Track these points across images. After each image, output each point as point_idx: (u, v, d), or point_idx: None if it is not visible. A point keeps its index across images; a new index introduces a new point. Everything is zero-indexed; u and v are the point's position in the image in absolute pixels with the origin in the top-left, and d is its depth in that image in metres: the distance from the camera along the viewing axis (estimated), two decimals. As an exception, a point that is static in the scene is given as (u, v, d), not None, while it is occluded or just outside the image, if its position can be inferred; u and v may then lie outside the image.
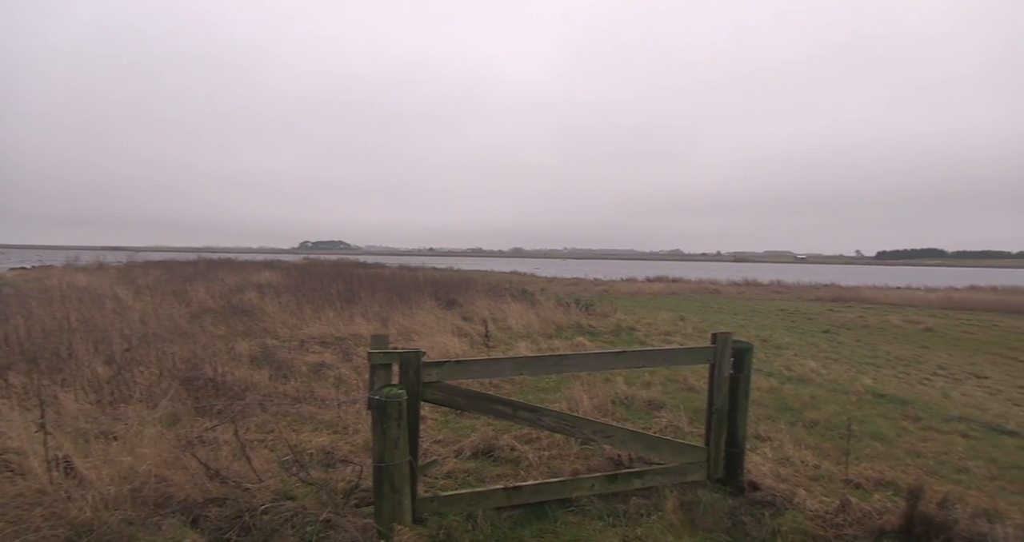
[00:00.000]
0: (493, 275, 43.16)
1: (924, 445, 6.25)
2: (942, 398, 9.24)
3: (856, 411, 7.53)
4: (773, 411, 7.28)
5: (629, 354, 4.55)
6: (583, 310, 17.22)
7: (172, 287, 17.51)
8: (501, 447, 5.23)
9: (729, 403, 4.61)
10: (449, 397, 3.95)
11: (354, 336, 11.31)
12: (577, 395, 6.75)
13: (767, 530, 3.88)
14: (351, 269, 31.06)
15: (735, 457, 4.62)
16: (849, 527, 3.90)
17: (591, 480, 4.26)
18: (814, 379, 9.71)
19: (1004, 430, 7.18)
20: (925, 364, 13.00)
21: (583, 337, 12.83)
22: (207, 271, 26.51)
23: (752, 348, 4.70)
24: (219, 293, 16.78)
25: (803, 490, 4.45)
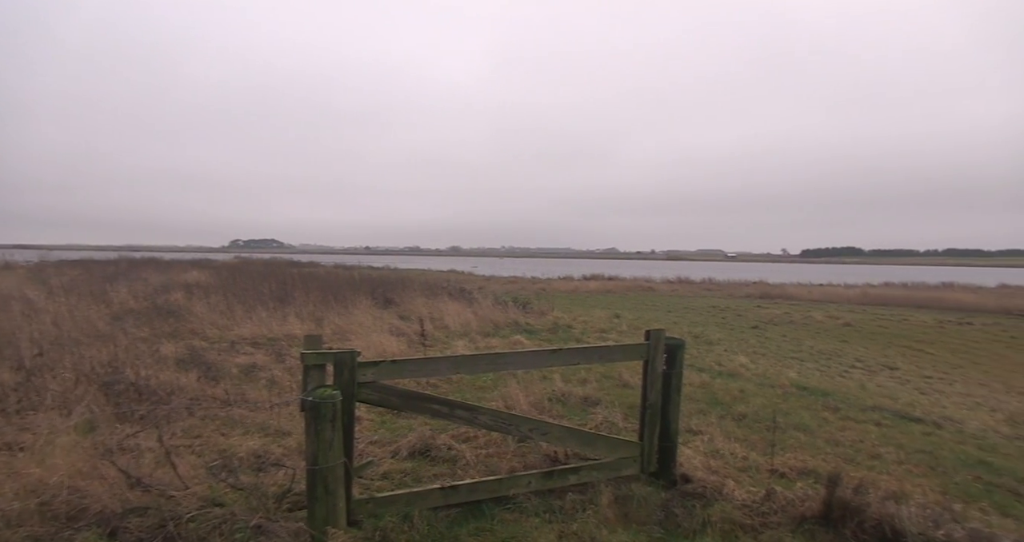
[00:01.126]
0: (431, 274, 42.92)
1: (842, 434, 6.57)
2: (859, 389, 9.74)
3: (782, 404, 7.84)
4: (705, 405, 7.50)
5: (565, 352, 4.59)
6: (521, 308, 17.32)
7: (90, 287, 16.64)
8: (438, 446, 5.21)
9: (662, 398, 4.72)
10: (385, 397, 3.90)
11: (287, 337, 11.03)
12: (514, 393, 6.78)
13: (698, 521, 4.00)
14: (284, 268, 30.28)
15: (668, 451, 4.73)
16: (774, 515, 4.07)
17: (528, 477, 4.29)
18: (743, 373, 10.06)
19: (911, 417, 7.63)
20: (844, 357, 13.66)
21: (521, 335, 12.89)
22: (129, 270, 25.35)
23: (684, 344, 4.82)
24: (142, 293, 16.08)
25: (732, 481, 4.60)
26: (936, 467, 5.63)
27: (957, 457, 6.03)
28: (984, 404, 9.60)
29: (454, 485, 4.05)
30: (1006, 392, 10.97)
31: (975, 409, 9.10)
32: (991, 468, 5.74)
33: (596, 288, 35.40)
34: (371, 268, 43.64)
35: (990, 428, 7.65)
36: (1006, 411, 9.07)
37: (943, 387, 11.03)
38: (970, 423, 7.78)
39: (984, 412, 8.88)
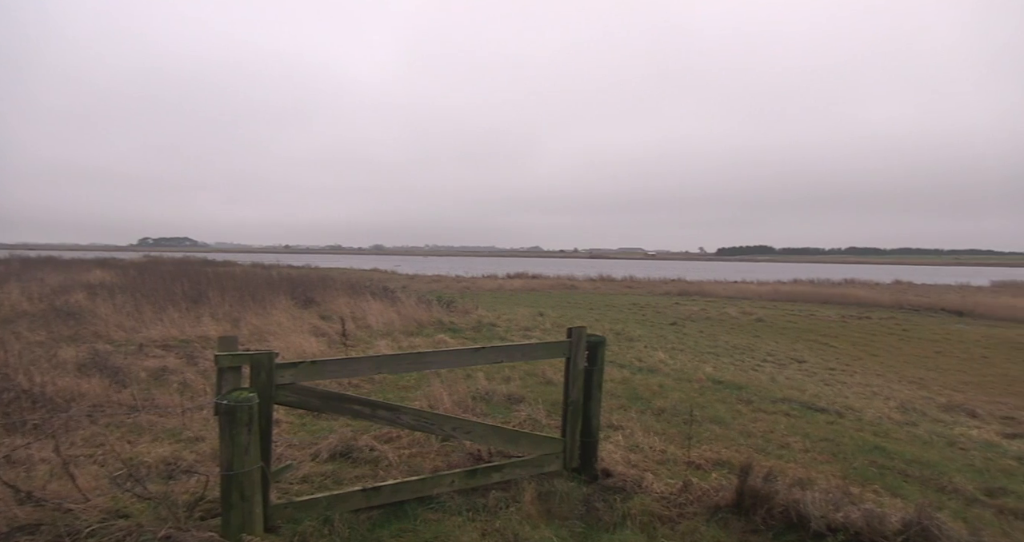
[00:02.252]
0: (353, 273, 42.15)
1: (754, 426, 6.88)
2: (770, 382, 10.22)
3: (698, 398, 8.13)
4: (625, 401, 7.68)
5: (488, 350, 4.60)
6: (445, 307, 17.24)
7: (-25, 289, 15.44)
8: (360, 448, 5.12)
9: (584, 395, 4.80)
10: (304, 399, 3.80)
11: (201, 338, 10.57)
12: (437, 392, 6.75)
13: (618, 514, 4.09)
14: (198, 267, 28.97)
15: (590, 446, 4.81)
16: (690, 506, 4.22)
17: (451, 476, 4.28)
18: (662, 369, 10.38)
19: (816, 408, 8.08)
20: (757, 352, 14.30)
21: (445, 334, 12.84)
22: (22, 271, 23.60)
23: (605, 341, 4.92)
24: (38, 294, 15.04)
25: (651, 474, 4.74)
26: (838, 454, 5.98)
27: (856, 444, 6.42)
28: (880, 393, 10.28)
29: (376, 486, 3.99)
30: (899, 381, 11.78)
31: (872, 398, 9.72)
32: (885, 452, 6.15)
33: (520, 286, 35.67)
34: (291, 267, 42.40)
35: (884, 415, 8.19)
36: (898, 399, 9.74)
37: (845, 378, 11.73)
38: (868, 411, 8.31)
39: (880, 401, 9.51)
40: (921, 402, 9.76)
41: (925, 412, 8.97)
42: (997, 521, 4.44)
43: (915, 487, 5.17)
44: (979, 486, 5.30)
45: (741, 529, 3.93)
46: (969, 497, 5.01)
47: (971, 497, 5.01)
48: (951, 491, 5.12)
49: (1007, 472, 5.90)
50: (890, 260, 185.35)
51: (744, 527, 3.94)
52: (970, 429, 8.00)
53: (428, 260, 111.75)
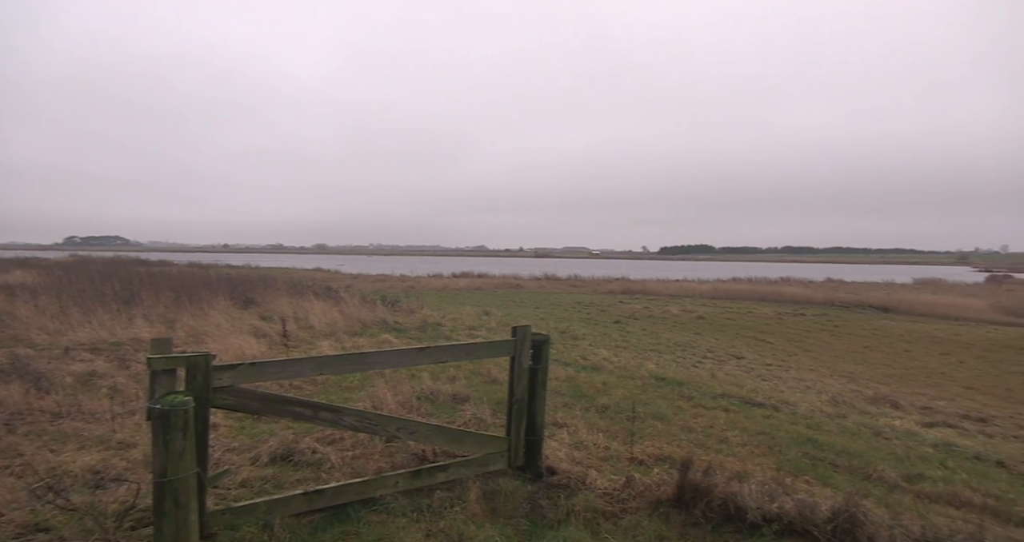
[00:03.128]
0: (295, 272, 41.23)
1: (695, 421, 7.05)
2: (710, 378, 10.49)
3: (641, 394, 8.28)
4: (570, 398, 7.76)
5: (433, 349, 4.58)
6: (389, 307, 17.06)
7: None
8: (302, 450, 5.01)
9: (529, 393, 4.82)
10: (243, 402, 3.69)
11: (134, 341, 10.16)
12: (381, 393, 6.67)
13: (562, 511, 4.13)
14: (130, 267, 27.82)
15: (534, 445, 4.84)
16: (633, 501, 4.29)
17: (395, 477, 4.24)
18: (606, 367, 10.52)
19: (754, 402, 8.34)
20: (698, 348, 14.66)
21: (389, 334, 12.71)
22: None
23: (550, 340, 4.96)
24: (-48, 296, 14.16)
25: (595, 471, 4.80)
26: (773, 447, 6.18)
27: (790, 436, 6.66)
28: (813, 387, 10.69)
29: (318, 489, 3.92)
30: (830, 375, 12.27)
31: (806, 392, 10.11)
32: (817, 444, 6.40)
33: (465, 285, 35.61)
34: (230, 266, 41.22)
35: (817, 409, 8.53)
36: (830, 392, 10.15)
37: (781, 373, 12.16)
38: (802, 405, 8.63)
39: (813, 394, 9.89)
40: (850, 395, 10.20)
41: (854, 404, 9.38)
42: (915, 505, 4.69)
43: (844, 476, 5.40)
44: (900, 473, 5.59)
45: (682, 522, 4.02)
46: (891, 484, 5.28)
47: (893, 484, 5.28)
48: (876, 479, 5.38)
49: (924, 459, 6.24)
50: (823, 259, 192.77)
51: (684, 520, 4.04)
52: (893, 420, 8.41)
53: (372, 259, 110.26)
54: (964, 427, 8.52)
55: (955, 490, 5.20)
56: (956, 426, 8.52)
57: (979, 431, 8.38)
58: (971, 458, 6.45)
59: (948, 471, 5.87)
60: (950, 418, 9.03)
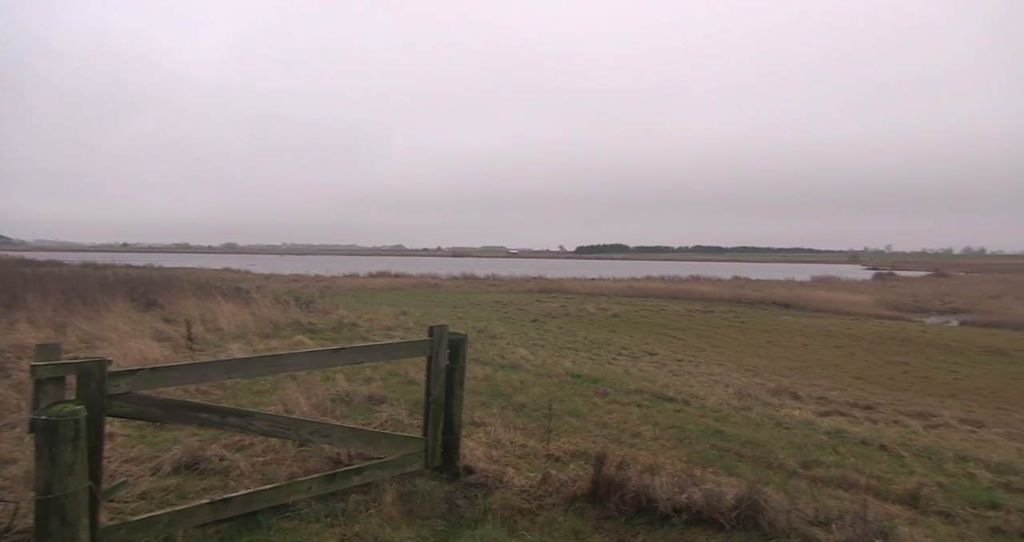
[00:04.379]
0: (202, 272, 39.44)
1: (610, 417, 7.22)
2: (624, 375, 10.78)
3: (558, 392, 8.41)
4: (487, 397, 7.78)
5: (348, 350, 4.49)
6: (303, 307, 16.58)
7: None
8: (209, 458, 4.80)
9: (446, 393, 4.80)
10: (143, 409, 3.50)
11: (16, 347, 9.39)
12: (294, 396, 6.48)
13: (479, 510, 4.14)
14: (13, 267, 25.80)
15: (452, 444, 4.83)
16: (549, 497, 4.35)
17: (308, 482, 4.12)
18: (524, 365, 10.62)
19: (666, 397, 8.64)
20: (613, 346, 15.03)
21: (303, 335, 12.36)
22: None
23: (466, 339, 4.95)
24: None
25: (512, 469, 4.84)
26: (684, 439, 6.42)
27: (700, 429, 6.93)
28: (721, 381, 11.17)
29: (226, 498, 3.76)
30: (737, 369, 12.85)
31: (714, 386, 10.54)
32: (724, 436, 6.70)
33: (382, 285, 35.10)
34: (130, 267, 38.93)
35: (724, 402, 8.91)
36: (736, 386, 10.64)
37: (691, 368, 12.63)
38: (710, 399, 8.99)
39: (720, 388, 10.33)
40: (755, 388, 10.72)
41: (758, 397, 9.86)
42: (810, 489, 5.00)
43: (748, 465, 5.68)
44: (798, 460, 5.94)
45: (596, 516, 4.11)
46: (790, 470, 5.61)
47: (792, 470, 5.62)
48: (777, 467, 5.70)
49: (819, 446, 6.65)
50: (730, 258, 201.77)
51: (599, 514, 4.13)
52: (793, 410, 8.90)
53: (285, 259, 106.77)
54: (854, 415, 9.12)
55: (845, 474, 5.58)
56: (847, 414, 9.12)
57: (866, 418, 9.00)
58: (859, 443, 6.92)
59: (839, 456, 6.27)
60: (842, 407, 9.65)
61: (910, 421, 8.87)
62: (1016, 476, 5.97)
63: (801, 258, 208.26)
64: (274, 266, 60.50)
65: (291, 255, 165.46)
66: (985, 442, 7.91)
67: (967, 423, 9.04)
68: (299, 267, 58.03)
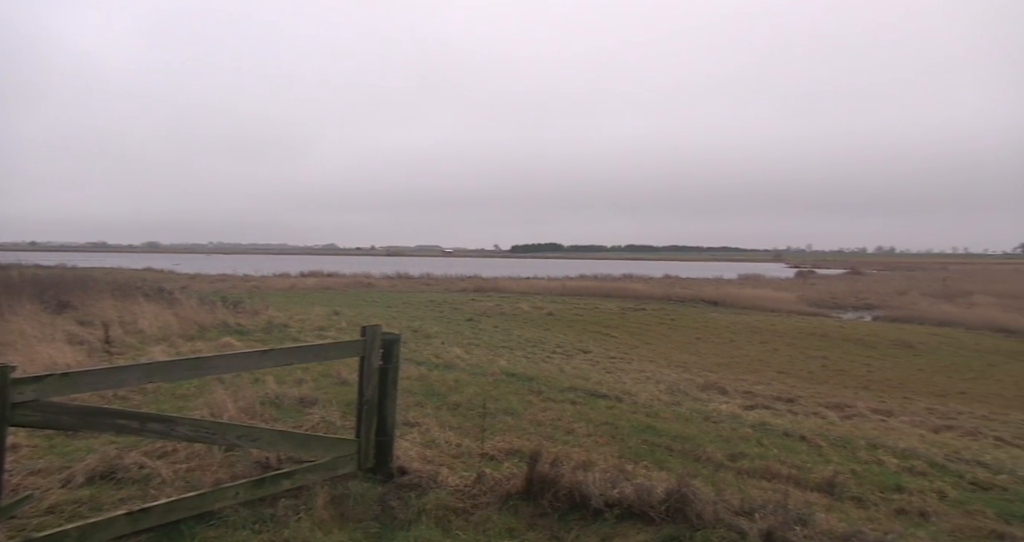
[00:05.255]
0: (121, 272, 37.57)
1: (544, 414, 7.28)
2: (559, 372, 10.90)
3: (493, 390, 8.42)
4: (422, 397, 7.72)
5: (278, 352, 4.37)
6: (231, 308, 16.02)
7: None
8: (127, 466, 4.56)
9: (379, 393, 4.73)
10: (52, 417, 3.30)
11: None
12: (221, 399, 6.24)
13: (413, 511, 4.10)
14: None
15: (385, 445, 4.76)
16: (484, 496, 4.35)
17: (235, 488, 3.98)
18: (459, 364, 10.59)
19: (599, 394, 8.78)
20: (547, 344, 15.16)
21: (231, 337, 11.95)
22: None
23: (400, 339, 4.89)
24: None
25: (446, 469, 4.81)
26: (616, 435, 6.54)
27: (632, 425, 7.07)
28: (652, 377, 11.44)
29: (145, 508, 3.59)
30: (668, 366, 13.19)
31: (646, 382, 10.79)
32: (655, 431, 6.86)
33: (314, 285, 34.36)
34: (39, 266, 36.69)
35: (655, 398, 9.13)
36: (667, 382, 10.92)
37: (624, 365, 12.88)
38: (642, 395, 9.19)
39: (652, 384, 10.58)
40: (685, 383, 11.03)
41: (687, 392, 10.15)
42: (736, 481, 5.19)
43: (678, 459, 5.83)
44: (725, 453, 6.14)
45: (530, 514, 4.14)
46: (718, 463, 5.80)
47: (719, 463, 5.81)
48: (705, 460, 5.87)
49: (745, 439, 6.90)
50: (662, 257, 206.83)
51: (533, 512, 4.16)
52: (720, 404, 9.20)
53: (212, 258, 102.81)
54: (777, 408, 9.52)
55: (768, 465, 5.81)
56: (771, 407, 9.50)
57: (788, 410, 9.40)
58: (781, 435, 7.21)
59: (763, 448, 6.53)
60: (766, 400, 10.05)
61: (828, 412, 9.31)
62: (918, 460, 6.37)
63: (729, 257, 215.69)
64: (200, 266, 58.25)
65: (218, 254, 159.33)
66: (893, 430, 8.39)
67: (878, 412, 9.56)
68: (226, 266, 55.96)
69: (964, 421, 9.37)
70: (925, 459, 6.42)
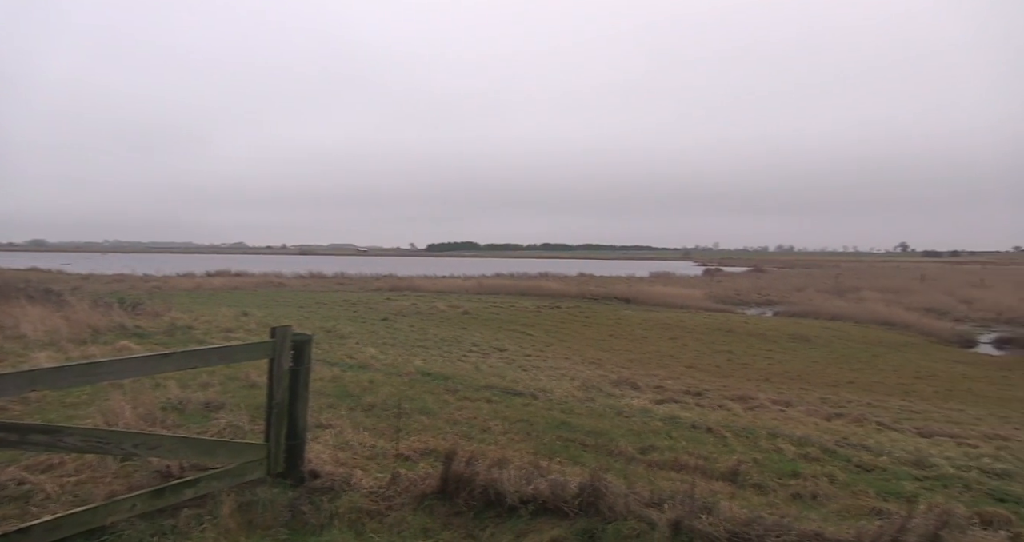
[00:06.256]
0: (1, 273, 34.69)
1: (460, 413, 7.27)
2: (474, 371, 10.90)
3: (408, 390, 8.34)
4: (335, 399, 7.54)
5: (181, 354, 4.15)
6: (129, 310, 15.11)
7: None
8: (3, 484, 4.21)
9: (290, 396, 4.59)
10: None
11: None
12: (117, 406, 5.87)
13: (325, 515, 4.00)
14: None
15: (296, 449, 4.62)
16: (398, 497, 4.30)
17: (132, 500, 3.76)
18: (373, 364, 10.41)
19: (515, 392, 8.85)
20: (463, 343, 15.13)
21: (129, 340, 11.29)
22: None
23: (312, 339, 4.76)
24: None
25: (360, 471, 4.73)
26: (531, 433, 6.61)
27: (547, 422, 7.17)
28: (567, 374, 11.63)
29: (24, 527, 3.32)
30: (582, 362, 13.45)
31: (561, 379, 10.95)
32: (569, 427, 6.98)
33: (222, 285, 32.92)
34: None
35: (570, 394, 9.29)
36: (581, 378, 11.13)
37: (539, 363, 13.03)
38: (557, 392, 9.33)
39: (567, 381, 10.75)
40: (598, 380, 11.27)
41: (601, 388, 10.38)
42: (647, 473, 5.36)
43: (592, 454, 5.96)
44: (636, 446, 6.33)
45: (445, 513, 4.12)
46: (629, 457, 5.97)
47: (631, 457, 5.98)
48: (617, 454, 6.03)
49: (655, 432, 7.13)
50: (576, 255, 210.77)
51: (448, 511, 4.14)
52: (633, 399, 9.46)
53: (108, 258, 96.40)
54: (686, 401, 9.88)
55: (677, 456, 6.03)
56: (680, 401, 9.85)
57: (696, 403, 9.78)
58: (689, 427, 7.49)
59: (672, 441, 6.76)
60: (676, 394, 10.41)
61: (733, 404, 9.74)
62: (812, 447, 6.77)
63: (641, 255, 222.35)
64: (94, 265, 54.51)
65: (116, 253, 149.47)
66: (791, 419, 8.88)
67: (778, 403, 10.10)
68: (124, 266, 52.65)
69: (852, 409, 10.04)
70: (818, 446, 6.83)
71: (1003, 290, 37.93)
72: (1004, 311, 27.92)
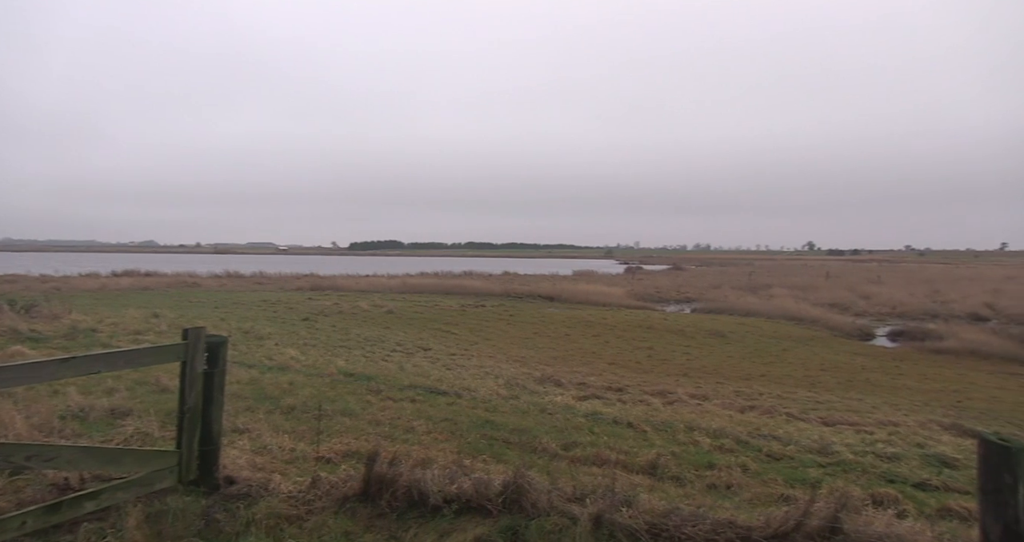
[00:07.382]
0: None
1: (383, 414, 7.17)
2: (398, 371, 10.79)
3: (329, 391, 8.16)
4: (253, 402, 7.29)
5: (82, 359, 3.90)
6: (22, 312, 14.12)
7: None
8: None
9: (203, 400, 4.40)
10: None
11: None
12: (8, 416, 5.46)
13: (242, 522, 3.86)
14: None
15: (210, 455, 4.44)
16: (319, 501, 4.20)
17: (22, 517, 3.49)
18: (293, 366, 10.13)
19: (439, 391, 8.81)
20: (387, 342, 14.94)
21: (22, 345, 10.53)
22: None
23: (227, 341, 4.58)
24: None
25: (279, 475, 4.58)
26: (456, 431, 6.59)
27: (471, 420, 7.17)
28: (491, 373, 11.66)
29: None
30: (506, 361, 13.52)
31: (485, 378, 10.97)
32: (494, 425, 7.00)
33: (130, 285, 31.24)
34: None
35: (494, 392, 9.32)
36: (505, 377, 11.19)
37: (464, 362, 13.01)
38: (481, 390, 9.35)
39: (491, 379, 10.78)
40: (522, 377, 11.36)
41: (525, 386, 10.46)
42: (569, 469, 5.43)
43: (516, 452, 6.00)
44: (560, 443, 6.41)
45: (368, 515, 4.05)
46: (553, 453, 6.04)
47: (554, 453, 6.05)
48: (541, 451, 6.09)
49: (578, 428, 7.25)
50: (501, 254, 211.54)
51: (371, 513, 4.08)
52: (556, 397, 9.59)
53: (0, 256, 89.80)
54: (607, 397, 10.09)
55: (599, 452, 6.15)
56: (602, 397, 10.06)
57: (617, 399, 10.00)
58: (611, 423, 7.66)
59: (594, 436, 6.90)
60: (598, 391, 10.62)
61: (652, 399, 10.03)
62: (727, 439, 7.06)
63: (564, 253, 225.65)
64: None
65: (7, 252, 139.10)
66: (707, 413, 9.22)
67: (696, 397, 10.46)
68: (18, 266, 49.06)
69: (764, 401, 10.53)
70: (732, 437, 7.12)
71: (895, 286, 41.15)
72: (897, 305, 30.17)
